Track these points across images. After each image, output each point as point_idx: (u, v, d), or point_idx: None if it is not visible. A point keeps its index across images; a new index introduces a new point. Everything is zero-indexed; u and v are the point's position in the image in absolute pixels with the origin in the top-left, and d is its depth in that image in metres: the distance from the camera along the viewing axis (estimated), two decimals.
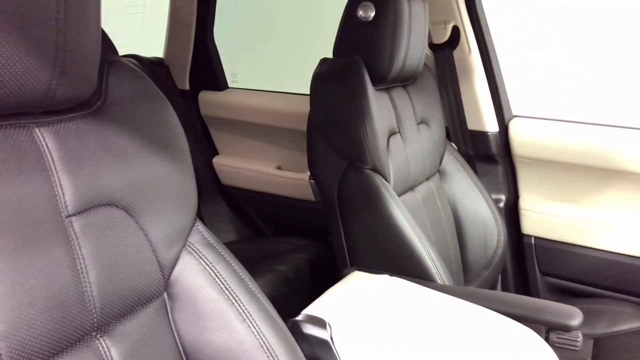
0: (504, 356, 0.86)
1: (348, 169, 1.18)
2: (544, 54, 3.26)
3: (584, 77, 3.19)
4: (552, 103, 3.14)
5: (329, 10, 2.58)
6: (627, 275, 1.53)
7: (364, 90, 1.15)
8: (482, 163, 1.70)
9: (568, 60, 3.24)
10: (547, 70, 3.26)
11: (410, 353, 0.84)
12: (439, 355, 0.84)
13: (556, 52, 3.26)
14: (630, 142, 1.48)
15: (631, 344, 1.30)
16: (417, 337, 0.88)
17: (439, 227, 1.40)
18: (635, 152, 1.47)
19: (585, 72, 3.19)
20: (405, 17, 1.18)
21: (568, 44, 3.22)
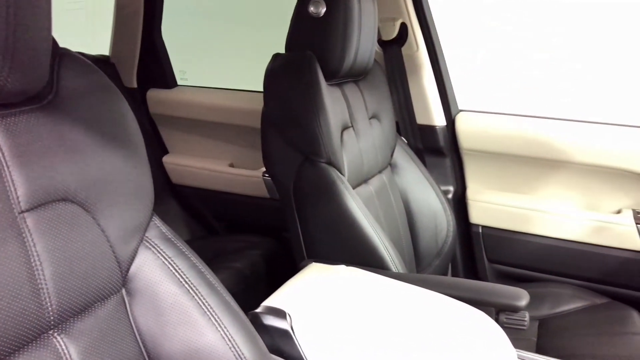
0: (458, 337, 0.90)
1: (304, 162, 1.19)
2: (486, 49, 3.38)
3: (524, 72, 3.33)
4: (496, 97, 3.26)
5: (279, 6, 2.58)
6: (568, 259, 1.61)
7: (317, 85, 1.16)
8: (430, 156, 1.75)
9: (508, 56, 3.37)
10: (489, 65, 3.39)
11: (369, 339, 0.86)
12: (397, 339, 0.87)
13: (498, 48, 3.39)
14: (569, 133, 1.57)
15: (572, 322, 1.38)
16: (375, 323, 0.90)
17: (392, 218, 1.43)
18: (573, 142, 1.56)
19: (524, 67, 3.33)
20: (356, 13, 1.21)
21: (510, 40, 3.35)
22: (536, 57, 3.24)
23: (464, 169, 1.76)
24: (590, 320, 1.39)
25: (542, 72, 3.25)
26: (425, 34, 1.67)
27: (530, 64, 3.28)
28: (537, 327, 1.39)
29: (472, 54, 3.18)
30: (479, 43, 3.30)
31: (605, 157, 1.53)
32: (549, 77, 3.24)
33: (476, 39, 3.27)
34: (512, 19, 3.25)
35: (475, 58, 3.26)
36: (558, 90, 3.16)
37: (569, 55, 3.18)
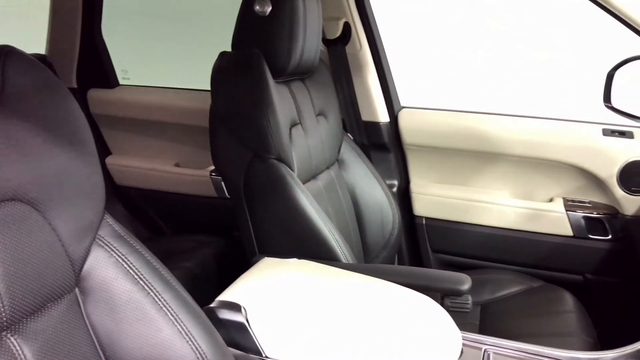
0: (407, 321, 0.94)
1: (253, 159, 1.21)
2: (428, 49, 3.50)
3: (467, 70, 3.47)
4: (438, 94, 3.39)
5: (223, 5, 2.57)
6: (506, 247, 1.71)
7: (265, 83, 1.18)
8: (376, 151, 1.80)
9: (448, 55, 3.50)
10: (431, 64, 3.51)
11: (322, 328, 0.89)
12: (350, 326, 0.90)
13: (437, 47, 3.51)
14: (504, 127, 1.66)
15: (511, 305, 1.47)
16: (328, 312, 0.93)
17: (341, 213, 1.47)
18: (508, 136, 1.65)
19: (466, 66, 3.47)
20: (301, 13, 1.23)
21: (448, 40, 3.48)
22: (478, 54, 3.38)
23: (407, 164, 1.83)
24: (528, 302, 1.48)
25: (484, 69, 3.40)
26: (368, 34, 1.72)
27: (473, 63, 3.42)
28: (479, 312, 1.47)
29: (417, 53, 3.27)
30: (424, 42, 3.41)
31: (538, 149, 1.63)
32: (489, 74, 3.39)
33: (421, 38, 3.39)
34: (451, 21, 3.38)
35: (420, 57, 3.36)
36: (497, 86, 3.31)
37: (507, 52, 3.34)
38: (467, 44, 3.42)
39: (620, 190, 1.56)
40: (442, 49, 3.44)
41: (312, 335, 0.87)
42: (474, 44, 3.41)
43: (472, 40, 3.40)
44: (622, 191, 1.55)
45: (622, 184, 1.55)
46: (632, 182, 1.54)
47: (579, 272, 1.65)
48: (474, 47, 3.41)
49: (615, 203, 1.58)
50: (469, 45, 3.41)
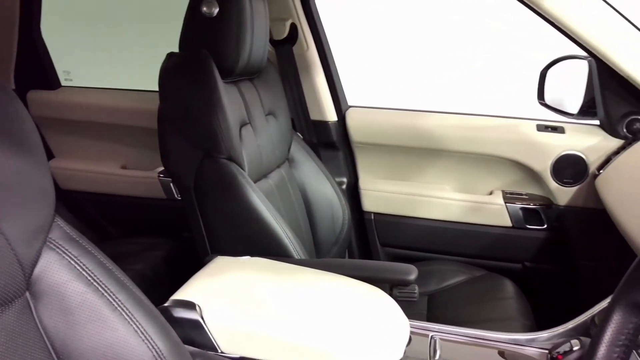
0: (358, 311, 0.98)
1: (204, 159, 1.21)
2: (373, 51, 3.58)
3: (408, 69, 3.57)
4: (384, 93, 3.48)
5: (168, 6, 2.55)
6: (451, 238, 1.78)
7: (214, 83, 1.19)
8: (325, 150, 1.84)
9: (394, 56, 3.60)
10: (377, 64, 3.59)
11: (277, 322, 0.92)
12: (303, 318, 0.93)
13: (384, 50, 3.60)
14: (447, 124, 1.73)
15: (456, 294, 1.54)
16: (282, 306, 0.96)
17: (292, 211, 1.50)
18: (450, 132, 1.72)
19: (407, 65, 3.57)
20: (248, 14, 1.25)
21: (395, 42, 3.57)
22: None
23: (356, 161, 1.87)
24: (471, 290, 1.55)
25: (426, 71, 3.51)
26: (315, 34, 1.76)
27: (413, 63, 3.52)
28: (426, 302, 1.53)
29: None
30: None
31: (478, 145, 1.71)
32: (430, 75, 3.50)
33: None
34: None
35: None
36: (439, 86, 3.43)
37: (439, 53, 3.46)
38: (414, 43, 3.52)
39: (554, 182, 1.66)
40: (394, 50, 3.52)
41: (265, 330, 0.89)
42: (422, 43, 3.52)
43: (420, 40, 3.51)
44: (556, 183, 1.66)
45: (555, 177, 1.65)
46: (564, 174, 1.64)
47: (518, 260, 1.75)
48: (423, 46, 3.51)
49: (550, 194, 1.69)
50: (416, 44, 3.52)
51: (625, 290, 0.59)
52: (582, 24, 1.40)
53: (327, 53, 1.80)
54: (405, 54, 3.58)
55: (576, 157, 1.62)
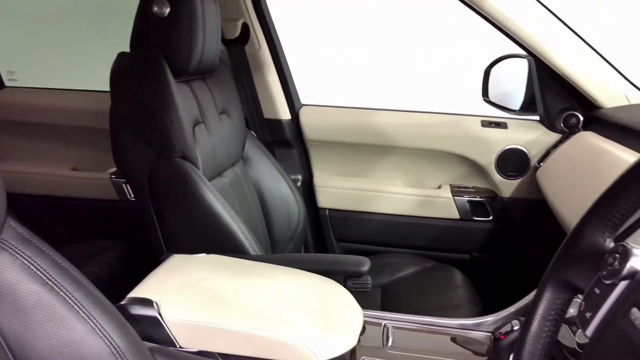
0: (314, 302, 1.01)
1: (157, 158, 1.22)
2: None
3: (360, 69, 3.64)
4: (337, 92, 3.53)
5: (116, 5, 2.50)
6: (402, 232, 1.84)
7: (166, 82, 1.19)
8: (279, 148, 1.87)
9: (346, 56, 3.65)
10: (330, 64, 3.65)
11: (235, 315, 0.94)
12: (261, 311, 0.95)
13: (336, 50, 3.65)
14: (396, 121, 1.79)
15: (408, 285, 1.60)
16: (240, 300, 0.98)
17: (247, 208, 1.52)
18: (400, 129, 1.78)
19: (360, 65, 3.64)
20: (199, 13, 1.25)
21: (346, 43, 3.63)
22: None
23: (310, 159, 1.91)
24: (423, 281, 1.61)
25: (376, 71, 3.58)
26: (266, 34, 1.78)
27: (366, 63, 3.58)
28: (380, 293, 1.58)
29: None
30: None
31: (426, 141, 1.77)
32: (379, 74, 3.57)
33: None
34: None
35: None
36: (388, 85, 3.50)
37: None
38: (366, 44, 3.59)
39: (498, 175, 1.74)
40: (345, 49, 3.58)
41: (223, 323, 0.91)
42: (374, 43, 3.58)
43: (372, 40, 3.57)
44: (500, 176, 1.74)
45: (499, 170, 1.74)
46: (507, 167, 1.73)
47: (466, 251, 1.82)
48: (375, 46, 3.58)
49: (495, 187, 1.77)
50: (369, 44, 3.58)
51: (554, 270, 0.65)
52: (521, 25, 1.48)
53: (279, 52, 1.82)
54: (356, 54, 3.65)
55: (518, 151, 1.70)
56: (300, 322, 0.93)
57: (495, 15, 1.48)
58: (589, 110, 1.57)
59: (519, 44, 1.53)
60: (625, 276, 0.53)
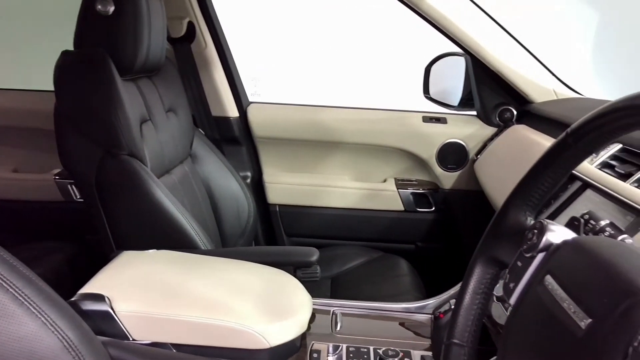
0: (265, 292, 1.04)
1: (104, 156, 1.22)
2: None
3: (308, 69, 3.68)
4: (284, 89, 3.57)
5: (56, 2, 2.44)
6: (350, 224, 1.90)
7: (112, 80, 1.19)
8: (227, 145, 1.88)
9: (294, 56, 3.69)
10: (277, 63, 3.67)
11: (187, 306, 0.96)
12: (213, 301, 0.98)
13: None
14: (342, 118, 1.85)
15: (357, 275, 1.66)
16: (192, 292, 1.00)
17: (197, 205, 1.53)
18: (346, 125, 1.83)
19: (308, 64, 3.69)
20: (145, 12, 1.26)
21: None
22: None
23: (259, 155, 1.93)
24: (370, 271, 1.68)
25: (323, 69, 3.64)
26: (212, 32, 1.79)
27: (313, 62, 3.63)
28: (330, 284, 1.63)
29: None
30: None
31: (371, 136, 1.84)
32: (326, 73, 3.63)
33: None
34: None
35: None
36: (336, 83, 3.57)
37: None
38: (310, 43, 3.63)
39: (439, 168, 1.83)
40: None
41: (176, 314, 0.93)
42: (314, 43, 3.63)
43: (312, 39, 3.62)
44: (441, 169, 1.83)
45: (440, 163, 1.82)
46: (447, 160, 1.82)
47: (411, 241, 1.90)
48: None
49: (436, 179, 1.85)
50: None
51: (483, 247, 0.71)
52: (457, 24, 1.56)
53: (225, 50, 1.84)
54: (303, 52, 3.69)
55: (457, 144, 1.79)
56: (251, 310, 0.96)
57: (433, 15, 1.55)
58: (521, 105, 1.68)
59: (456, 42, 1.62)
60: (542, 249, 0.60)
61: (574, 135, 0.60)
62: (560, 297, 0.52)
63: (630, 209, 0.84)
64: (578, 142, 0.60)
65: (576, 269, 0.54)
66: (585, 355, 0.45)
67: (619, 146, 1.03)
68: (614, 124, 0.55)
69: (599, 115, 0.56)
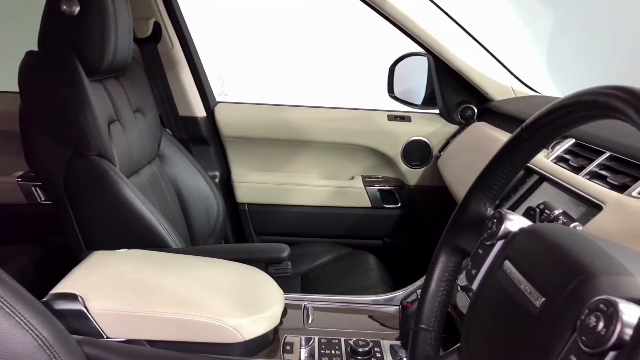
0: (238, 287, 1.07)
1: (73, 157, 1.21)
2: None
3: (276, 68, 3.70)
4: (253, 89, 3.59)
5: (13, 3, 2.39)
6: (319, 222, 1.93)
7: (80, 81, 1.19)
8: (195, 145, 1.89)
9: None
10: None
11: (162, 302, 0.97)
12: (187, 298, 0.99)
13: None
14: (310, 117, 1.88)
15: (326, 271, 1.69)
16: (166, 288, 1.01)
17: (165, 205, 1.53)
18: (314, 124, 1.87)
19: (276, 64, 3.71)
20: (111, 12, 1.26)
21: None
22: None
23: (227, 155, 1.95)
24: (339, 266, 1.71)
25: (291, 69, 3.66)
26: (179, 33, 1.80)
27: None
28: (300, 280, 1.66)
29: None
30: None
31: (338, 135, 1.87)
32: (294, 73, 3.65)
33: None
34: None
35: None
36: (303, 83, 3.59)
37: None
38: None
39: (404, 165, 1.88)
40: None
41: (150, 311, 0.94)
42: None
43: None
44: (406, 166, 1.88)
45: (405, 160, 1.87)
46: (412, 158, 1.87)
47: (378, 237, 1.95)
48: None
49: (402, 176, 1.91)
50: None
51: (446, 237, 0.75)
52: (419, 25, 1.61)
53: (192, 50, 1.85)
54: (270, 52, 3.71)
55: (421, 142, 1.85)
56: (225, 305, 0.98)
57: (396, 16, 1.60)
58: (482, 103, 1.75)
59: (419, 42, 1.67)
60: (500, 236, 0.64)
61: (528, 130, 0.65)
62: (518, 280, 0.56)
63: (583, 200, 0.90)
64: (532, 136, 0.64)
65: (532, 254, 0.58)
66: (539, 331, 0.50)
67: (573, 141, 1.10)
68: (564, 118, 0.60)
69: (550, 111, 0.61)
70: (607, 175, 0.91)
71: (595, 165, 0.96)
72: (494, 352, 0.57)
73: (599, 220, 0.82)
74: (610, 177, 0.90)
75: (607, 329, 0.41)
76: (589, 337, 0.43)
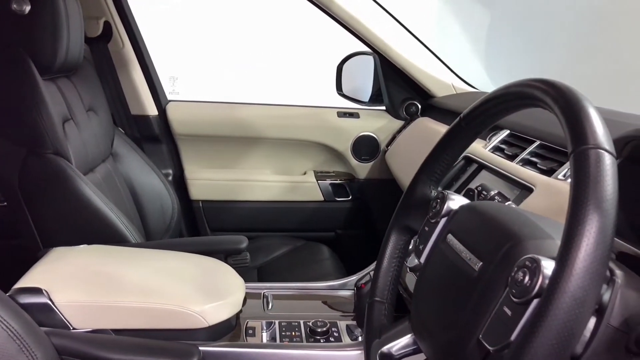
0: (199, 278, 1.11)
1: (28, 156, 1.21)
2: None
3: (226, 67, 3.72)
4: None
5: None
6: (273, 216, 1.98)
7: (33, 80, 1.19)
8: (148, 143, 1.90)
9: None
10: None
11: (127, 292, 1.00)
12: (149, 289, 1.03)
13: None
14: (261, 115, 1.92)
15: (282, 263, 1.75)
16: (129, 279, 1.04)
17: (121, 203, 1.54)
18: (265, 122, 1.92)
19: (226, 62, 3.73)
20: (62, 11, 1.26)
21: None
22: None
23: (180, 153, 1.96)
24: (294, 258, 1.77)
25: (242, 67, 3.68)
26: (129, 32, 1.80)
27: None
28: (256, 273, 1.70)
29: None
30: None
31: (290, 131, 1.93)
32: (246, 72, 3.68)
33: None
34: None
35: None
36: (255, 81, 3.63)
37: None
38: None
39: (354, 159, 1.96)
40: None
41: (115, 301, 0.97)
42: None
43: None
44: (355, 160, 1.96)
45: (354, 155, 1.95)
46: (361, 152, 1.95)
47: (331, 229, 2.02)
48: None
49: (352, 170, 1.99)
50: None
51: (396, 218, 0.82)
52: (365, 24, 1.69)
53: (142, 50, 1.86)
54: (220, 50, 3.72)
55: (370, 137, 1.93)
56: (188, 292, 1.02)
57: (343, 16, 1.68)
58: (425, 99, 1.85)
59: (365, 42, 1.75)
60: (444, 214, 0.72)
61: (465, 119, 0.73)
62: (459, 250, 0.64)
63: (516, 184, 1.00)
64: (469, 125, 0.73)
65: (471, 227, 0.66)
66: (479, 290, 0.58)
67: (507, 132, 1.20)
68: (495, 108, 0.68)
69: (484, 102, 0.70)
70: (537, 161, 1.01)
71: (527, 153, 1.06)
72: (440, 314, 0.65)
73: (530, 200, 0.92)
74: (540, 163, 1.00)
75: (532, 281, 0.49)
76: (517, 289, 0.51)
